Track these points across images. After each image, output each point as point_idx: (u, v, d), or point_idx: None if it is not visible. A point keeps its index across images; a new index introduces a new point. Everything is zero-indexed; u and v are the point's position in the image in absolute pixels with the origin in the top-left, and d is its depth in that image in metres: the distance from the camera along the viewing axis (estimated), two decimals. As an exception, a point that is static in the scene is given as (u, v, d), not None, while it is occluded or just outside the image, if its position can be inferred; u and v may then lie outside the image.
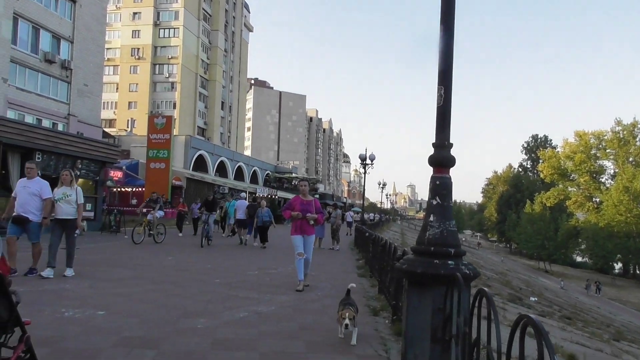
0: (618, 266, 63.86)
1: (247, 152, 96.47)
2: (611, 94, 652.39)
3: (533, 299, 21.85)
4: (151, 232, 14.49)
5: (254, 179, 64.20)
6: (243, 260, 11.04)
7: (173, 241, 15.62)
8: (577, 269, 68.88)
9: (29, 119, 25.21)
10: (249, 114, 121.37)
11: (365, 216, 44.05)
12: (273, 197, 41.59)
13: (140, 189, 34.55)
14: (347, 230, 27.08)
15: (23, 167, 15.66)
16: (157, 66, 68.53)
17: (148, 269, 8.92)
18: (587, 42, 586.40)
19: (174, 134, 54.94)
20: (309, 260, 7.62)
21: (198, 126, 72.02)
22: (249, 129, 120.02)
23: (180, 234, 19.38)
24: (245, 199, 21.16)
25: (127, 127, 58.69)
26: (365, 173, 26.15)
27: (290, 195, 55.63)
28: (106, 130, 58.41)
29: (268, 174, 70.53)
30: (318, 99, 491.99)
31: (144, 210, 15.22)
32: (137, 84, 67.93)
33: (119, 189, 35.87)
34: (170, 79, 67.86)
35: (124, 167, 36.85)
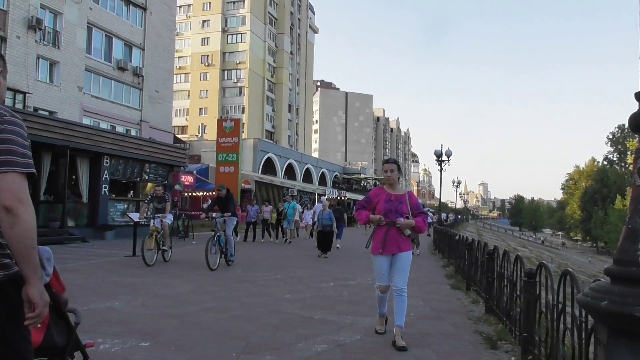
0: None
1: (315, 154, 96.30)
2: None
3: None
4: (162, 247, 10.19)
5: (322, 180, 63.56)
6: (315, 269, 9.90)
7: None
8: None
9: (104, 126, 25.72)
10: (316, 116, 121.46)
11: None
12: (342, 198, 40.50)
13: (211, 193, 34.70)
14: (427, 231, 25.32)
15: (92, 171, 15.81)
16: (226, 72, 69.68)
17: (209, 280, 7.99)
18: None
19: (243, 137, 55.67)
20: (403, 296, 4.68)
21: (266, 130, 72.50)
22: (316, 131, 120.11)
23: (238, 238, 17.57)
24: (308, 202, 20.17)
25: (198, 132, 59.94)
26: (441, 170, 24.38)
27: (359, 197, 54.44)
28: (178, 136, 60.12)
29: (336, 175, 69.66)
30: (385, 98, 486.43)
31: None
32: (207, 90, 69.45)
33: (190, 194, 36.22)
34: (239, 84, 68.72)
35: (194, 172, 37.24)
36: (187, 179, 35.58)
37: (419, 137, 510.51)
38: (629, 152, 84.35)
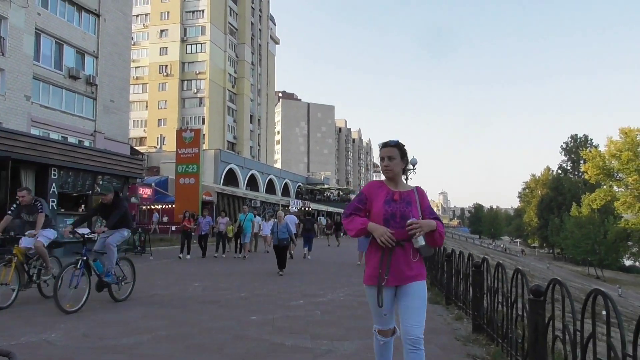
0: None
1: (278, 165, 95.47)
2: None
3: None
4: (42, 276, 7.27)
5: (285, 191, 62.79)
6: (282, 285, 9.20)
7: (182, 265, 13.94)
8: (629, 274, 64.72)
9: (55, 137, 24.23)
10: (278, 127, 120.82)
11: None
12: (307, 209, 39.86)
13: (170, 206, 33.45)
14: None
15: (38, 184, 14.61)
16: (185, 82, 68.25)
17: (167, 302, 7.19)
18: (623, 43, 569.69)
19: (203, 148, 54.35)
20: (420, 351, 3.02)
21: (227, 141, 71.29)
22: (278, 142, 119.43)
23: (182, 255, 15.03)
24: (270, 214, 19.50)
25: (157, 144, 58.21)
26: (406, 179, 24.09)
27: (323, 208, 54.02)
28: (136, 148, 58.18)
29: (299, 186, 69.03)
30: (346, 109, 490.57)
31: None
32: (166, 100, 67.75)
33: (148, 207, 34.82)
34: (199, 95, 67.41)
35: (153, 184, 35.92)
36: (145, 192, 34.23)
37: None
38: (581, 161, 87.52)
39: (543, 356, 3.20)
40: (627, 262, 68.52)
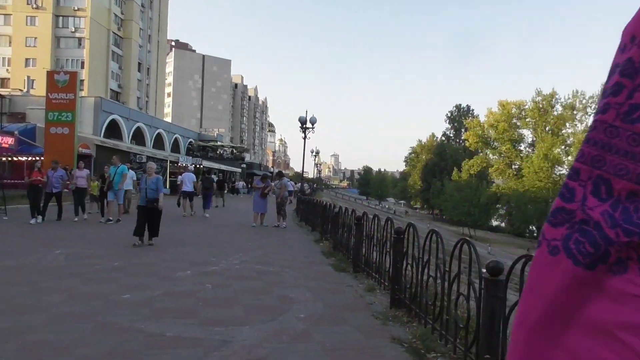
0: (530, 230, 66.64)
1: (168, 119, 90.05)
2: (526, 67, 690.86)
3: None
4: None
5: (175, 147, 59.31)
6: (166, 252, 7.96)
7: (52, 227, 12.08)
8: (496, 233, 71.34)
9: None
10: (170, 78, 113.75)
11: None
12: (198, 166, 37.77)
13: (38, 158, 29.62)
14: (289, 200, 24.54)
15: None
16: (61, 18, 60.80)
17: (13, 277, 5.67)
18: (513, 20, 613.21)
19: (82, 95, 49.07)
20: None
21: (111, 89, 65.43)
22: (169, 94, 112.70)
23: (34, 220, 11.63)
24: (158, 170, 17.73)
25: (24, 87, 51.48)
26: (305, 138, 23.37)
27: (215, 165, 51.77)
28: None
29: (191, 142, 65.67)
30: (243, 65, 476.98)
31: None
32: (35, 37, 59.89)
33: (10, 158, 30.54)
34: (77, 34, 60.54)
35: (16, 132, 31.50)
36: (6, 141, 29.99)
37: (276, 107, 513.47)
38: (463, 129, 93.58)
39: (500, 346, 2.52)
40: (495, 223, 75.48)
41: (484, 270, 2.75)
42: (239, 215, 16.99)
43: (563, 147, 66.90)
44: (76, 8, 59.87)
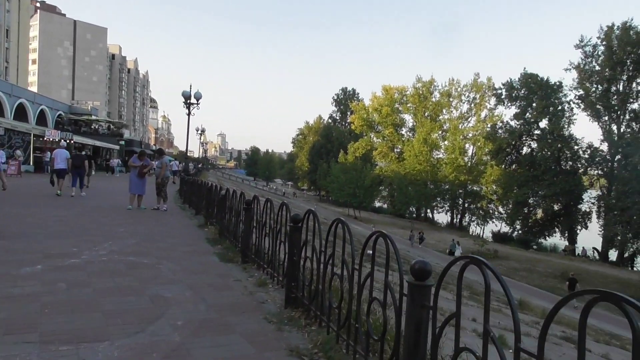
0: (410, 211, 70.73)
1: (34, 89, 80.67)
2: (408, 54, 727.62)
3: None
4: None
5: (42, 120, 53.17)
6: (16, 240, 6.62)
7: None
8: (379, 214, 74.67)
9: None
10: (35, 44, 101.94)
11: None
12: (68, 141, 34.08)
13: None
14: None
15: None
16: None
17: None
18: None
19: None
20: None
21: (-39, 51, 56.89)
22: (34, 61, 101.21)
23: None
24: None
25: None
26: (189, 114, 21.88)
27: (89, 141, 47.32)
28: None
29: (60, 115, 59.38)
30: (121, 35, 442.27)
31: None
32: None
33: None
34: None
35: None
36: None
37: (159, 83, 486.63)
38: (349, 112, 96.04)
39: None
40: (378, 204, 78.91)
41: (407, 273, 2.24)
42: (113, 197, 15.36)
43: (440, 132, 71.57)
44: None
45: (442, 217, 71.01)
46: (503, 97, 53.85)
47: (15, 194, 14.23)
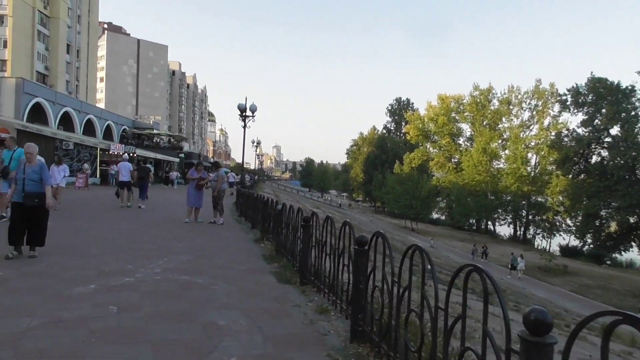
0: (470, 223, 68.39)
1: (101, 105, 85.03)
2: (463, 62, 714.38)
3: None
4: None
5: (108, 134, 55.77)
6: (71, 255, 6.55)
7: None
8: (437, 226, 72.71)
9: None
10: (102, 63, 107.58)
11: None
12: (131, 155, 35.36)
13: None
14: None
15: None
16: (-21, -6, 55.68)
17: None
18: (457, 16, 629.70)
19: (4, 76, 44.91)
20: None
21: (37, 71, 60.71)
22: (102, 79, 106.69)
23: None
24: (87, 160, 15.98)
25: (-64, 65, 46.58)
26: (244, 127, 21.98)
27: (151, 154, 48.99)
28: None
29: (125, 129, 62.08)
30: (181, 52, 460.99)
31: None
32: (-51, 14, 54.75)
33: None
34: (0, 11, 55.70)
35: None
36: None
37: (216, 97, 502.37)
38: (403, 122, 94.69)
39: None
40: (434, 216, 76.92)
41: (518, 323, 1.73)
42: (172, 209, 15.47)
43: (500, 141, 68.93)
44: (-3, -17, 55.17)
45: (504, 230, 68.10)
46: (568, 103, 51.06)
47: (78, 207, 14.63)
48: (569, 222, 57.34)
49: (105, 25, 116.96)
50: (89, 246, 7.37)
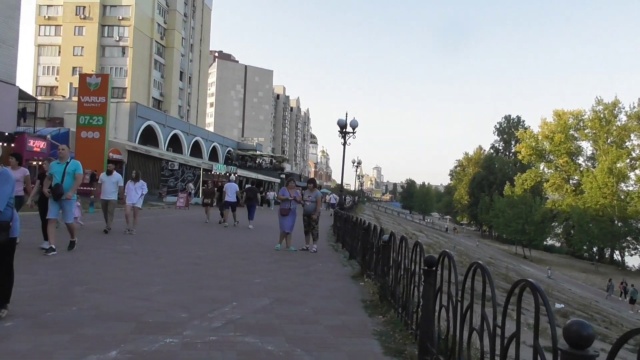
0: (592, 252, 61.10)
1: (210, 129, 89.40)
2: (581, 78, 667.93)
3: (559, 305, 16.90)
4: None
5: (213, 155, 57.86)
6: (120, 297, 5.27)
7: None
8: (552, 253, 66.11)
9: None
10: (212, 89, 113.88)
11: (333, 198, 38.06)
12: (232, 174, 35.59)
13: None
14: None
15: None
16: (107, 28, 61.12)
17: None
18: (558, 23, 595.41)
19: (125, 101, 48.23)
20: None
21: (153, 97, 65.07)
22: (211, 104, 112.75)
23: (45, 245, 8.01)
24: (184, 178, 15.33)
25: (67, 94, 51.26)
26: (344, 143, 20.53)
27: (253, 175, 49.63)
28: (43, 98, 50.89)
29: (230, 150, 64.15)
30: (285, 76, 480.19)
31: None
32: (82, 47, 60.55)
33: (40, 162, 29.35)
34: (122, 43, 60.64)
35: (48, 136, 30.48)
36: (38, 145, 29.18)
37: (318, 119, 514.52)
38: (513, 141, 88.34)
39: None
40: (550, 242, 70.07)
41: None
42: (262, 233, 14.26)
43: (628, 160, 61.15)
44: (121, 17, 60.16)
45: (634, 260, 59.82)
46: None
47: (165, 228, 13.90)
48: None
49: (217, 54, 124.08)
50: (147, 281, 6.03)
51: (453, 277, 3.06)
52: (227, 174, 36.81)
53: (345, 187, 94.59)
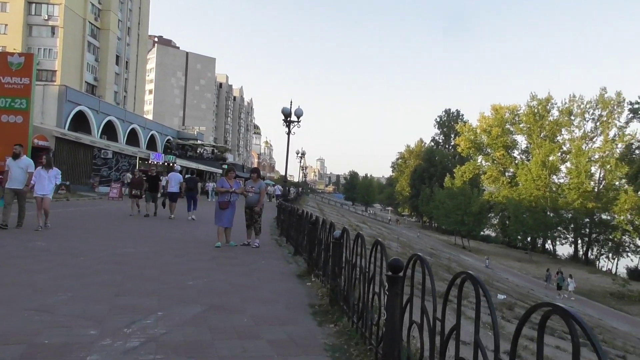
0: (526, 241, 63.87)
1: (149, 116, 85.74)
2: (519, 72, 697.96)
3: (501, 296, 17.05)
4: None
5: (151, 144, 55.39)
6: (10, 308, 4.32)
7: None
8: (488, 243, 68.44)
9: None
10: (151, 75, 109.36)
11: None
12: (170, 164, 33.95)
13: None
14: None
15: None
16: (34, 5, 56.93)
17: None
18: (500, 20, 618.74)
19: (55, 84, 45.00)
20: None
21: (87, 82, 61.35)
22: (150, 91, 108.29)
23: None
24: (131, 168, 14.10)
25: (-12, 75, 47.12)
26: (289, 133, 19.77)
27: (193, 165, 47.89)
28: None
29: (169, 139, 61.70)
30: (229, 65, 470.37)
31: None
32: (6, 24, 56.17)
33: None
34: (51, 22, 56.63)
35: (-38, 121, 27.75)
36: (-50, 130, 26.38)
37: (262, 109, 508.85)
38: (452, 135, 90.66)
39: None
40: (486, 232, 72.50)
41: None
42: (200, 227, 13.31)
43: (559, 154, 64.10)
44: (50, -5, 56.16)
45: (564, 249, 62.99)
46: (642, 112, 46.51)
47: (91, 221, 12.69)
48: (638, 242, 52.23)
49: (156, 39, 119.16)
50: (54, 286, 5.03)
51: (429, 286, 2.45)
52: (168, 164, 35.14)
53: (289, 179, 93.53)
